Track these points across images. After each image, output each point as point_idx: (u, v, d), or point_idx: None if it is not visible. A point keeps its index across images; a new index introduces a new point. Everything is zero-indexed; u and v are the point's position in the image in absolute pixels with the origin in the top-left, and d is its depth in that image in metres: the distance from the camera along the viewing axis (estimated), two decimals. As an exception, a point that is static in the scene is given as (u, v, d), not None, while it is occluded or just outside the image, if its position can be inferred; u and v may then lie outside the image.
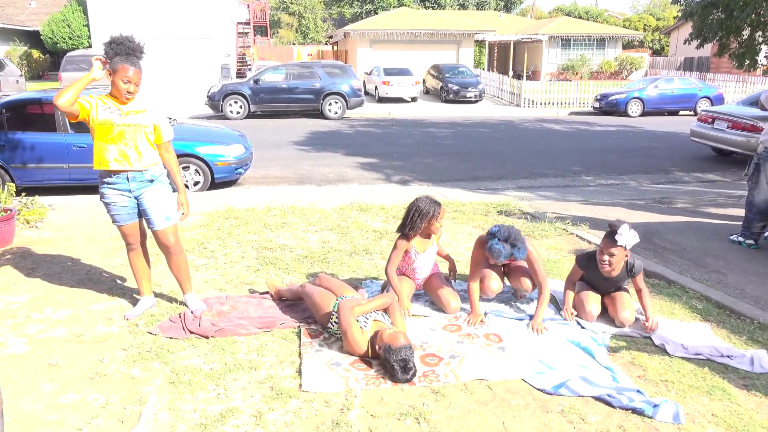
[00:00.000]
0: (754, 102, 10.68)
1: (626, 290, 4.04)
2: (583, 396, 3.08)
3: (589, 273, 4.05)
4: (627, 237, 3.71)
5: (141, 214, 3.93)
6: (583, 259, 4.05)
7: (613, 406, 2.99)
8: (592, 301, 3.96)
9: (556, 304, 4.27)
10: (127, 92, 3.64)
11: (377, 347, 3.31)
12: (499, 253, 3.81)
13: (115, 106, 3.69)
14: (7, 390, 3.14)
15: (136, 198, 3.85)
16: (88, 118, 3.67)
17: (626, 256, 3.80)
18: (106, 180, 3.80)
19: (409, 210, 4.05)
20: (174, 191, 4.02)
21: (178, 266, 4.03)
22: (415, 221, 3.99)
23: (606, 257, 3.78)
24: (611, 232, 3.75)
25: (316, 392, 3.10)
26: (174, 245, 3.97)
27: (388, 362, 3.20)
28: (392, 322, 3.61)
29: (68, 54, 20.62)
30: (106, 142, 3.70)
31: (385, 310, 3.69)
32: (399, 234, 4.11)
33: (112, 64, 3.59)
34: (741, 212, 6.07)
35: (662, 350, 3.59)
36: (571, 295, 4.09)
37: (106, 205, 3.86)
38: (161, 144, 3.88)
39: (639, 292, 3.89)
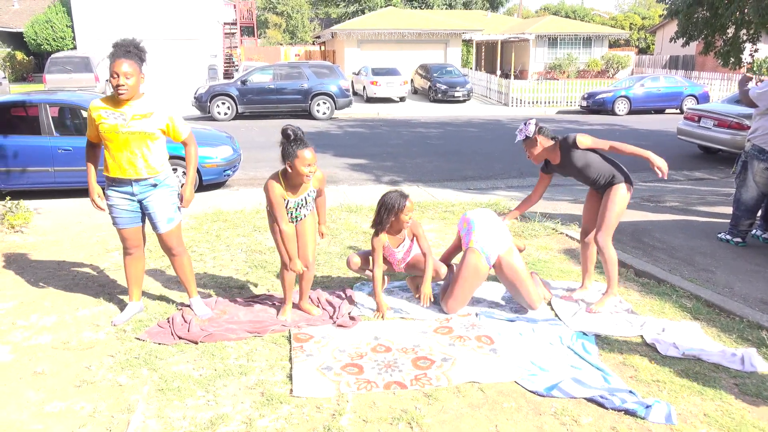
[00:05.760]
0: (739, 100, 10.75)
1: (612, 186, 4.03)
2: (575, 397, 3.07)
3: (549, 169, 4.22)
4: (520, 134, 4.03)
5: (145, 218, 3.90)
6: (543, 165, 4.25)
7: (606, 408, 2.98)
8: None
9: (550, 305, 4.26)
10: (117, 85, 3.55)
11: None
12: None
13: (118, 111, 3.64)
14: (-8, 400, 3.08)
15: (139, 201, 3.81)
16: (98, 131, 3.68)
17: (541, 144, 4.01)
18: (110, 182, 3.79)
19: (378, 206, 4.08)
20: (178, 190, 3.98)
21: (182, 268, 3.99)
22: (382, 216, 4.03)
23: (528, 156, 4.13)
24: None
25: (307, 397, 3.07)
26: (177, 248, 3.93)
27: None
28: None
29: (53, 56, 20.39)
30: (114, 150, 3.66)
31: None
32: (374, 232, 4.14)
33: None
34: (728, 210, 6.11)
35: (653, 350, 3.60)
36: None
37: (109, 206, 3.84)
38: (181, 141, 3.88)
39: (612, 147, 3.89)
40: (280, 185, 3.65)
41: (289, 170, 3.59)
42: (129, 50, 3.60)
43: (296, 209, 3.79)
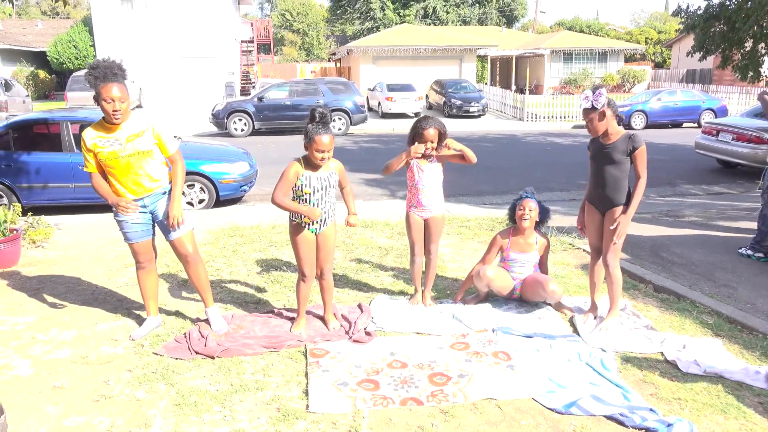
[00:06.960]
0: (759, 114, 10.64)
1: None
2: (594, 415, 3.03)
3: (592, 146, 4.06)
4: (586, 101, 3.81)
5: (156, 227, 3.93)
6: (590, 140, 4.14)
7: (626, 426, 2.94)
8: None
9: (571, 321, 4.23)
10: (113, 111, 3.56)
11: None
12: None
13: (113, 137, 3.66)
14: (11, 413, 3.11)
15: (150, 212, 3.85)
16: (97, 160, 3.71)
17: (603, 116, 3.80)
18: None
19: None
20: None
21: (198, 276, 3.99)
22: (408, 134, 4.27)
23: (586, 123, 3.92)
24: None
25: (323, 413, 3.06)
26: (192, 254, 3.94)
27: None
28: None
29: (74, 74, 20.81)
30: (119, 175, 3.70)
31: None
32: None
33: (95, 91, 3.56)
34: (749, 225, 6.02)
35: (674, 367, 3.54)
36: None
37: (119, 222, 3.86)
38: (168, 157, 3.87)
39: (638, 179, 3.81)
40: (300, 165, 3.69)
41: (306, 150, 3.66)
42: (116, 72, 3.58)
43: (321, 189, 3.73)
